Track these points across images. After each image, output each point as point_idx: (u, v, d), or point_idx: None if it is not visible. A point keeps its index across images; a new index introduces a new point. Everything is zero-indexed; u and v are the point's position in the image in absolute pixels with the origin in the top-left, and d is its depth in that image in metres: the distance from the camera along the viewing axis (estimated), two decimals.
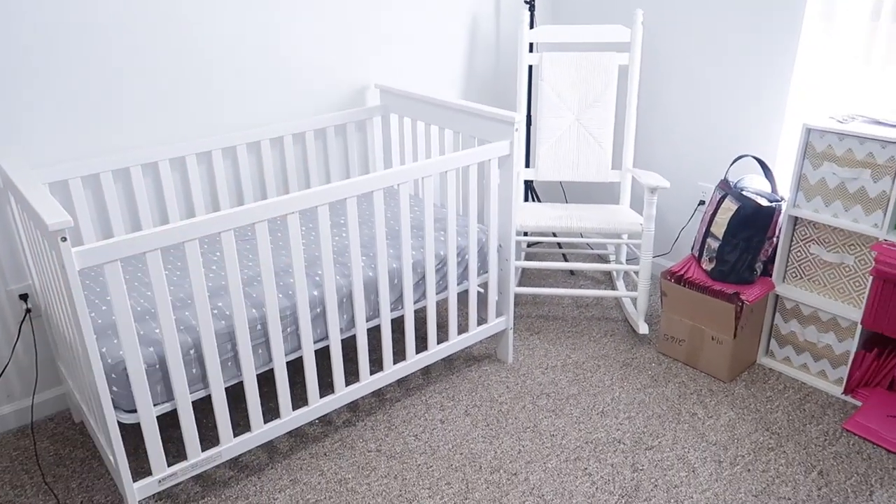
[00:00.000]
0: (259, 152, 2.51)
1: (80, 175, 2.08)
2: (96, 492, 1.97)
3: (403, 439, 2.16)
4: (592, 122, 2.85)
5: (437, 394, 2.38)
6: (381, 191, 1.96)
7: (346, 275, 2.05)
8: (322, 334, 2.02)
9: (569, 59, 2.83)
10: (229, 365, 1.85)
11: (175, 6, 2.19)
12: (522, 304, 2.97)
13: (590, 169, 2.89)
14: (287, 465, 2.07)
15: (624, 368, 2.50)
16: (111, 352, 1.68)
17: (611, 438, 2.15)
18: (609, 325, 2.80)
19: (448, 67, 2.99)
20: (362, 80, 2.72)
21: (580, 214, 2.76)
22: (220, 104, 2.38)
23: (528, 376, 2.47)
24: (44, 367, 2.26)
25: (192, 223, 1.61)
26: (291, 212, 1.78)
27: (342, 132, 2.72)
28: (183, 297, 1.92)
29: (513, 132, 2.21)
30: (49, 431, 2.22)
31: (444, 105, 2.41)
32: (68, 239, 1.45)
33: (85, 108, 2.12)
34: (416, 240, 2.26)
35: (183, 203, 2.38)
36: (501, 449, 2.12)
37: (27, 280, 2.16)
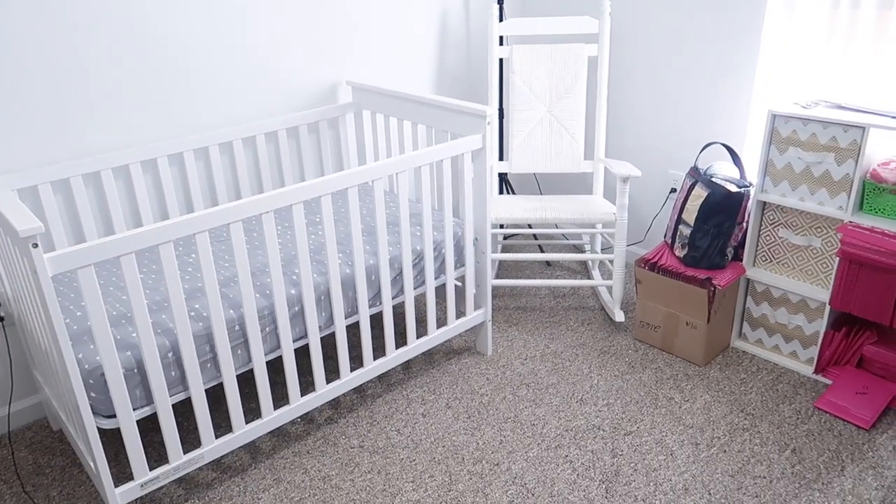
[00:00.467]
0: (232, 152, 2.50)
1: (50, 180, 2.05)
2: (77, 499, 1.96)
3: (386, 434, 2.18)
4: (564, 114, 2.88)
5: (418, 388, 2.39)
6: (356, 188, 1.97)
7: (323, 272, 2.05)
8: (301, 333, 2.02)
9: (539, 51, 2.85)
10: (208, 366, 1.84)
11: (143, 4, 2.17)
12: (500, 296, 2.99)
13: (563, 160, 2.92)
14: (270, 464, 2.07)
15: (602, 356, 2.54)
16: (88, 357, 1.67)
17: (590, 425, 2.19)
18: (586, 314, 2.83)
19: (419, 62, 2.99)
20: (334, 77, 2.72)
21: (554, 206, 2.78)
22: (191, 104, 2.37)
23: (508, 367, 2.49)
24: (19, 375, 2.24)
25: (166, 225, 1.60)
26: (266, 211, 1.78)
27: (315, 130, 2.71)
28: (159, 300, 1.91)
29: (485, 126, 2.22)
30: (27, 440, 2.20)
31: (416, 100, 2.42)
32: (40, 245, 1.43)
33: (53, 112, 2.09)
34: (391, 235, 2.26)
35: (156, 205, 2.37)
36: (483, 440, 2.14)
37: None
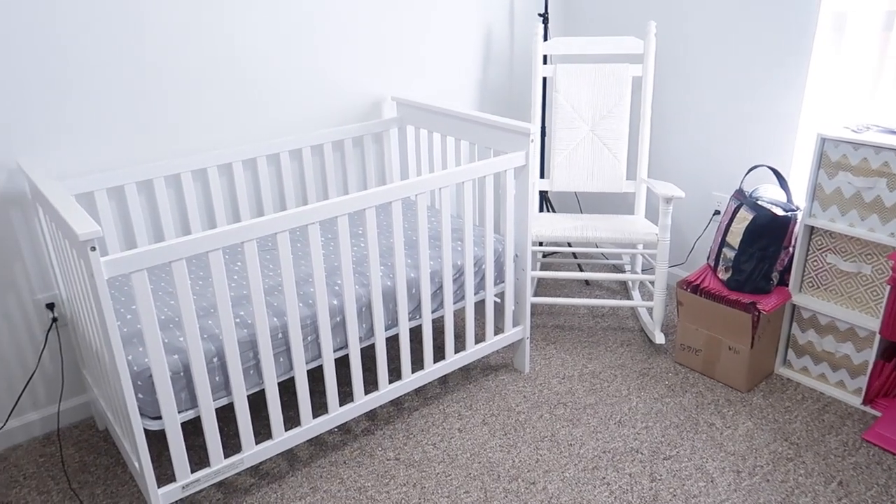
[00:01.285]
0: (279, 164, 2.55)
1: (106, 187, 2.13)
2: (120, 498, 2.00)
3: (422, 448, 2.18)
4: (607, 133, 2.88)
5: (454, 403, 2.39)
6: (400, 201, 1.99)
7: (364, 284, 2.08)
8: (342, 343, 2.05)
9: (583, 70, 2.86)
10: (251, 373, 1.88)
11: (197, 20, 2.25)
12: (538, 314, 2.98)
13: (604, 179, 2.91)
14: (307, 472, 2.09)
15: (641, 378, 2.51)
16: (137, 359, 1.72)
17: (628, 448, 2.16)
18: (625, 334, 2.81)
19: (463, 80, 3.03)
20: (379, 92, 2.77)
21: (595, 224, 2.77)
22: (240, 117, 2.43)
23: (545, 386, 2.48)
24: (69, 375, 2.31)
25: (216, 233, 1.65)
26: (312, 222, 1.82)
27: (360, 144, 2.76)
28: (206, 306, 1.95)
29: (528, 143, 2.24)
30: (74, 438, 2.26)
31: (460, 116, 2.44)
32: (97, 248, 1.49)
33: (109, 122, 2.17)
34: (433, 250, 2.28)
35: (205, 214, 2.43)
36: (519, 458, 2.13)
37: (54, 290, 2.21)
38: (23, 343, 2.19)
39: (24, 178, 2.04)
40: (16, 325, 2.16)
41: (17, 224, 2.09)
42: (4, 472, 2.12)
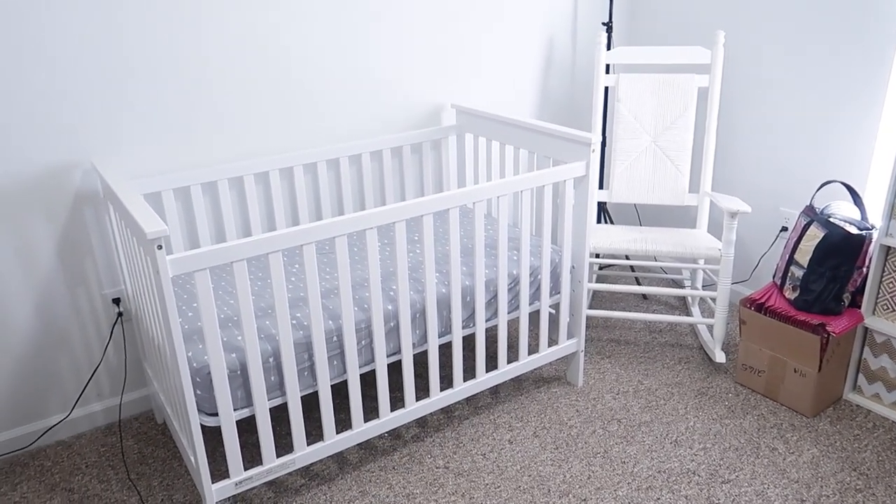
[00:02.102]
0: (338, 169, 2.58)
1: (172, 187, 2.19)
2: (176, 490, 2.05)
3: (471, 457, 2.16)
4: (670, 145, 2.81)
5: (505, 413, 2.37)
6: (457, 209, 1.98)
7: (419, 290, 2.08)
8: (395, 348, 2.05)
9: (646, 80, 2.80)
10: (305, 374, 1.90)
11: (261, 28, 2.30)
12: (593, 327, 2.93)
13: (666, 192, 2.84)
14: (356, 476, 2.10)
15: (699, 397, 2.43)
16: (196, 356, 1.75)
17: (685, 469, 2.09)
18: (683, 351, 2.73)
19: (523, 88, 3.01)
20: (439, 100, 2.77)
21: (655, 238, 2.71)
22: (301, 123, 2.47)
23: (599, 400, 2.43)
24: (131, 368, 2.38)
25: (276, 235, 1.67)
26: (370, 227, 1.82)
27: (418, 150, 2.77)
28: (263, 307, 1.99)
29: (589, 153, 2.20)
30: (134, 430, 2.33)
31: (520, 125, 2.42)
32: (164, 247, 1.53)
33: (177, 126, 2.24)
34: (489, 258, 2.27)
35: (265, 216, 2.48)
36: (571, 473, 2.09)
37: (120, 285, 2.28)
38: (90, 336, 2.27)
39: (98, 177, 2.11)
40: (84, 318, 2.25)
41: (90, 221, 2.17)
42: (68, 460, 2.20)
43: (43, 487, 2.08)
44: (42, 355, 2.21)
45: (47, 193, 2.08)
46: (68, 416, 2.29)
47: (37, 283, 2.14)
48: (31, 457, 2.22)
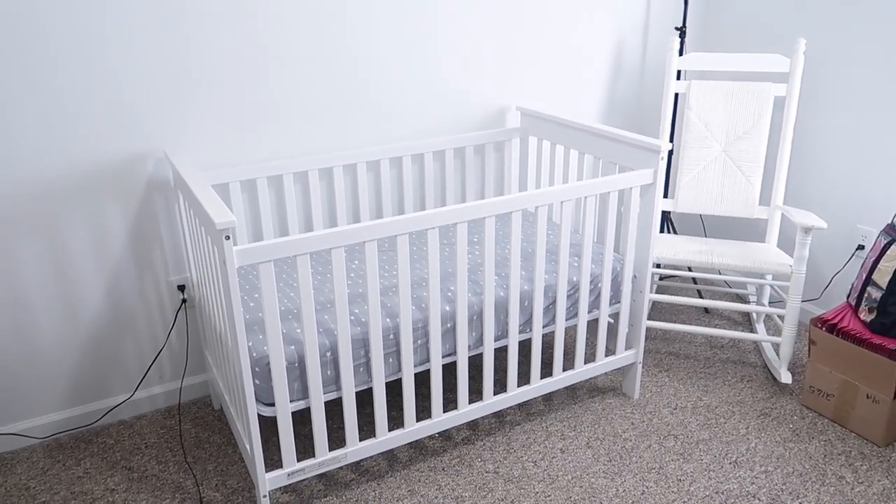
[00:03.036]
0: (400, 167, 2.59)
1: (239, 179, 2.23)
2: (229, 476, 2.09)
3: (522, 464, 2.13)
4: (741, 155, 2.72)
5: (558, 422, 2.33)
6: (519, 212, 1.96)
7: (478, 293, 2.06)
8: (450, 349, 2.04)
9: (719, 87, 2.72)
10: (361, 371, 1.91)
11: (329, 29, 2.32)
12: (652, 339, 2.86)
13: (735, 203, 2.74)
14: (406, 475, 2.09)
15: (762, 418, 2.34)
16: (256, 346, 1.78)
17: (744, 492, 2.01)
18: (746, 369, 2.63)
19: (590, 92, 2.96)
20: (504, 101, 2.75)
21: (720, 250, 2.62)
22: (366, 121, 2.49)
23: (655, 415, 2.36)
24: (192, 354, 2.44)
25: (339, 231, 1.68)
26: (432, 227, 1.82)
27: (481, 152, 2.76)
28: (323, 301, 2.01)
29: (657, 161, 2.14)
30: (192, 414, 2.39)
31: (587, 130, 2.38)
32: (231, 238, 1.55)
33: (246, 120, 2.28)
34: (549, 264, 2.23)
35: (327, 211, 2.50)
36: (623, 487, 2.03)
37: (185, 273, 2.34)
38: (154, 320, 2.34)
39: (169, 167, 2.18)
40: (150, 303, 2.31)
41: (160, 209, 2.24)
42: (129, 439, 2.27)
43: (104, 464, 2.16)
44: (109, 337, 2.28)
45: (121, 181, 2.15)
46: (131, 397, 2.37)
47: (108, 267, 2.21)
48: (96, 434, 2.30)
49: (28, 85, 1.95)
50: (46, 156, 2.03)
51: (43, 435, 2.26)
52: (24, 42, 1.91)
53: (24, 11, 1.89)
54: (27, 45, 1.92)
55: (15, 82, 1.93)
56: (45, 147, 2.02)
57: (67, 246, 2.13)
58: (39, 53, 1.94)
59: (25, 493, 2.04)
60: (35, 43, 1.93)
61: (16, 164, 2.00)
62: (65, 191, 2.08)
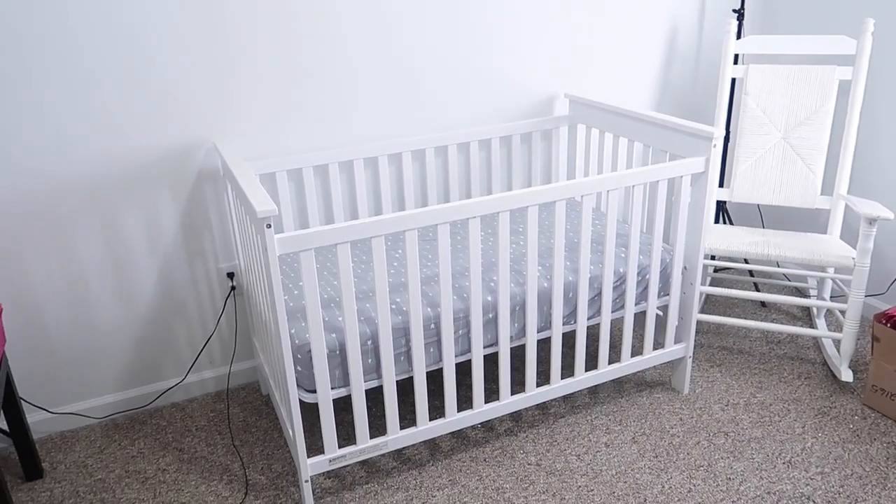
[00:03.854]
0: (446, 156, 2.58)
1: (286, 169, 2.26)
2: (275, 461, 2.13)
3: (565, 457, 2.10)
4: (801, 142, 2.59)
5: (603, 415, 2.28)
6: (564, 201, 1.92)
7: (520, 283, 2.04)
8: (492, 340, 2.02)
9: (779, 72, 2.60)
10: (402, 359, 1.91)
11: (374, 17, 2.32)
12: (704, 333, 2.77)
13: (795, 193, 2.63)
14: (447, 464, 2.09)
15: (819, 417, 2.24)
16: (299, 333, 1.81)
17: (798, 493, 1.93)
18: (804, 366, 2.52)
19: (642, 78, 2.87)
20: (552, 89, 2.70)
21: (778, 242, 2.51)
22: (411, 109, 2.48)
23: (705, 411, 2.29)
24: (241, 340, 2.50)
25: (379, 220, 1.68)
26: (473, 216, 1.80)
27: (528, 140, 2.72)
28: (365, 290, 2.02)
29: (710, 148, 2.06)
30: (240, 399, 2.44)
31: (636, 117, 2.31)
32: (273, 226, 1.57)
33: (292, 111, 2.30)
34: (594, 254, 2.19)
35: (372, 200, 2.51)
36: (670, 484, 1.98)
37: (234, 260, 2.39)
38: (205, 307, 2.40)
39: (218, 156, 2.22)
40: (200, 289, 2.37)
41: (210, 198, 2.29)
42: (181, 421, 2.34)
43: (157, 445, 2.23)
44: (162, 322, 2.35)
45: (173, 171, 2.21)
46: (182, 381, 2.44)
47: (161, 255, 2.28)
48: (149, 415, 2.38)
49: (82, 82, 2.01)
50: (102, 148, 2.10)
51: (101, 415, 2.36)
52: (76, 42, 1.98)
53: (70, 11, 1.95)
54: (81, 44, 1.98)
55: (71, 79, 2.00)
56: (100, 140, 2.09)
57: (123, 234, 2.21)
58: (93, 52, 2.00)
59: (83, 470, 2.13)
60: (88, 42, 1.99)
61: (74, 157, 2.07)
62: (120, 181, 2.15)
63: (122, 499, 2.01)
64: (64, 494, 2.03)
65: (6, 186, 2.02)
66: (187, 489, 2.03)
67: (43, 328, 2.20)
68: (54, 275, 2.16)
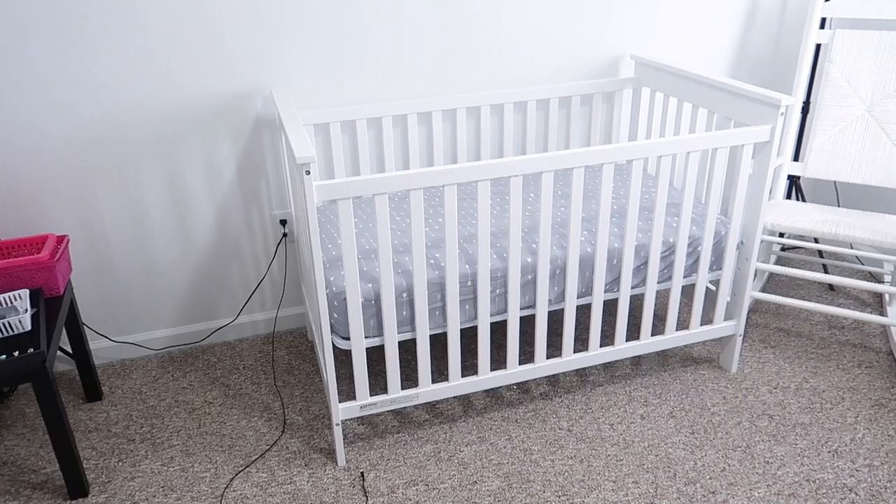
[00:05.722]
0: (502, 114, 2.54)
1: (340, 120, 2.28)
2: (313, 403, 2.21)
3: (598, 425, 2.08)
4: (888, 116, 2.40)
5: (643, 388, 2.24)
6: (612, 165, 1.86)
7: (563, 246, 2.00)
8: (530, 302, 2.00)
9: (869, 38, 2.40)
10: (436, 314, 1.92)
11: None
12: (761, 312, 2.65)
13: (876, 171, 2.45)
14: (478, 422, 2.11)
15: (875, 408, 2.12)
16: (336, 281, 1.84)
17: (840, 484, 1.84)
18: (867, 354, 2.38)
19: (717, 42, 2.72)
20: (618, 49, 2.60)
21: (853, 222, 2.36)
22: (468, 65, 2.44)
23: (752, 391, 2.21)
24: (290, 286, 2.57)
25: (417, 173, 1.68)
26: (515, 174, 1.77)
27: (588, 102, 2.63)
28: (407, 243, 2.03)
29: (777, 117, 1.94)
30: (287, 343, 2.53)
31: (703, 81, 2.20)
32: (311, 173, 1.60)
33: (349, 62, 2.31)
34: (643, 222, 2.12)
35: (426, 155, 2.51)
36: (703, 462, 1.93)
37: (287, 208, 2.45)
38: (258, 251, 2.48)
39: (274, 105, 2.26)
40: (255, 234, 2.45)
41: (266, 145, 2.34)
42: (230, 359, 2.45)
43: (206, 379, 2.35)
44: (218, 263, 2.45)
45: (232, 117, 2.27)
46: (234, 321, 2.54)
47: (218, 198, 2.36)
48: (202, 351, 2.50)
49: (152, 35, 2.08)
50: (165, 92, 2.17)
51: (158, 347, 2.50)
52: None
53: None
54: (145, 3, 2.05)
55: (141, 31, 2.07)
56: (164, 85, 2.16)
57: (184, 175, 2.29)
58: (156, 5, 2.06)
59: (138, 396, 2.27)
60: None
61: (143, 100, 2.16)
62: (182, 125, 2.23)
63: (170, 426, 2.13)
64: (119, 417, 2.18)
65: (79, 122, 2.13)
66: (230, 422, 2.14)
67: (109, 260, 2.33)
68: (121, 210, 2.28)
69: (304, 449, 2.02)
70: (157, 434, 2.10)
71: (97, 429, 2.13)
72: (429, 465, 1.95)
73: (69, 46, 2.04)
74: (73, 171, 2.18)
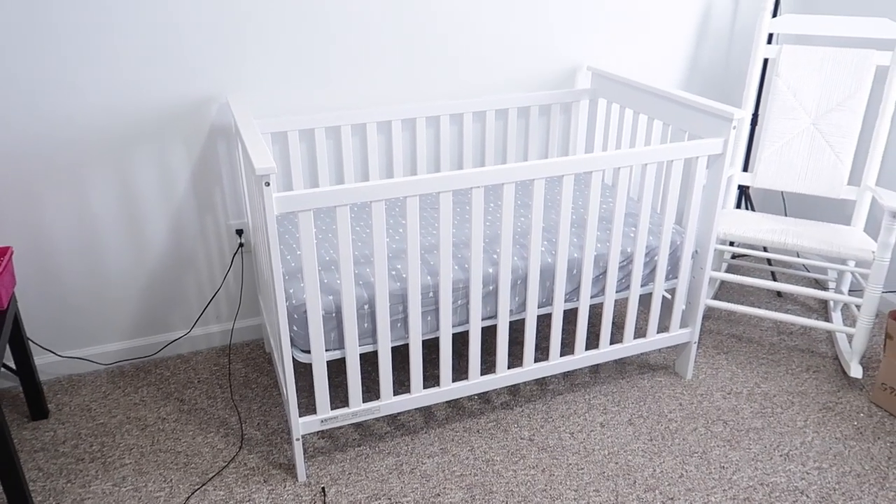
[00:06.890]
0: (461, 124, 2.54)
1: (298, 128, 2.25)
2: (271, 417, 2.16)
3: (559, 434, 2.10)
4: (832, 129, 2.50)
5: (602, 395, 2.27)
6: (572, 176, 1.88)
7: (524, 257, 2.01)
8: (491, 312, 2.01)
9: (814, 54, 2.50)
10: (398, 326, 1.91)
11: None
12: (714, 319, 2.72)
13: (820, 181, 2.54)
14: (440, 433, 2.10)
15: (823, 412, 2.19)
16: (297, 294, 1.81)
17: (791, 486, 1.90)
18: (814, 359, 2.46)
19: (670, 55, 2.78)
20: (575, 61, 2.63)
21: (800, 231, 2.44)
22: (428, 74, 2.44)
23: (706, 398, 2.26)
24: (247, 297, 2.52)
25: (379, 184, 1.67)
26: (477, 186, 1.77)
27: (546, 112, 2.66)
28: (367, 254, 2.01)
29: (729, 130, 2.00)
30: (244, 355, 2.48)
31: (659, 94, 2.25)
32: (271, 184, 1.57)
33: (307, 70, 2.28)
34: (602, 232, 2.15)
35: (385, 164, 2.49)
36: (661, 468, 1.97)
37: (244, 217, 2.41)
38: (213, 262, 2.42)
39: (231, 113, 2.21)
40: (210, 244, 2.39)
41: (222, 153, 2.29)
42: (184, 373, 2.38)
43: (160, 394, 2.28)
44: (171, 274, 2.39)
45: (187, 124, 2.21)
46: (188, 333, 2.48)
47: (171, 206, 2.30)
48: (155, 365, 2.43)
49: (99, 34, 2.01)
50: (117, 99, 2.10)
51: (108, 361, 2.41)
52: None
53: None
54: None
55: (90, 32, 2.00)
56: (115, 91, 2.09)
57: (136, 184, 2.23)
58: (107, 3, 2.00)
59: (87, 413, 2.19)
60: None
61: (90, 106, 2.08)
62: (134, 131, 2.16)
63: (122, 444, 2.06)
64: (66, 435, 2.09)
65: (22, 129, 2.05)
66: (185, 439, 2.08)
67: (55, 273, 2.24)
68: (68, 220, 2.19)
69: (262, 465, 1.98)
70: (108, 453, 2.03)
71: (43, 448, 2.04)
72: (391, 479, 1.93)
73: (5, 51, 1.96)
74: (15, 180, 2.10)
